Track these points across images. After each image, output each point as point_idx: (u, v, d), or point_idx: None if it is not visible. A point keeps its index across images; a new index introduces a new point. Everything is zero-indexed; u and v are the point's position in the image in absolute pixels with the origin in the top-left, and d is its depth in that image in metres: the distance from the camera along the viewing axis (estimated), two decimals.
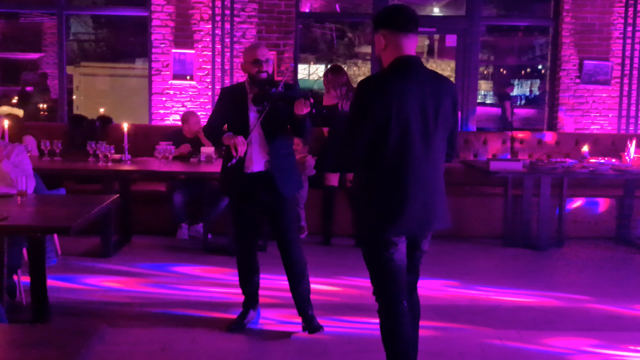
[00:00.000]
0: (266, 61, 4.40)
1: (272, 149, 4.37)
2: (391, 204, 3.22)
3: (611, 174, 6.92)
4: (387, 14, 3.39)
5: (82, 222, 3.89)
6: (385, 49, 3.33)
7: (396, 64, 3.28)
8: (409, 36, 3.31)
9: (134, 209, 7.26)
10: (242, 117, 4.38)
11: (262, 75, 4.37)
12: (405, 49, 3.29)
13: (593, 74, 8.71)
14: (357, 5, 11.14)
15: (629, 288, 5.83)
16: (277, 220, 4.46)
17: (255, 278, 4.60)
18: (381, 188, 3.24)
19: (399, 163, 3.19)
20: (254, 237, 4.60)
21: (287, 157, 4.49)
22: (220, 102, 4.61)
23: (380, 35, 3.34)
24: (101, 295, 5.28)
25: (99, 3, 11.43)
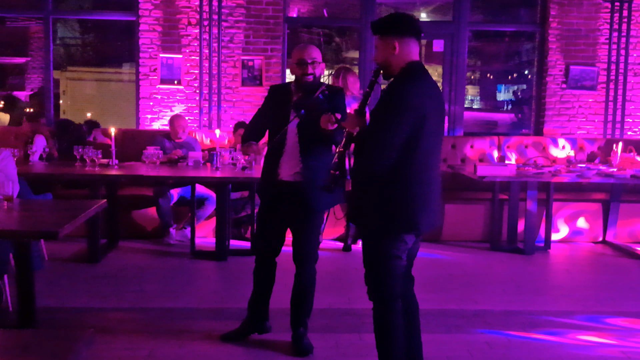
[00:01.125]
0: (312, 63, 4.13)
1: (305, 159, 4.14)
2: (420, 201, 3.36)
3: (597, 178, 6.95)
4: (400, 20, 3.52)
5: (68, 227, 3.87)
6: (396, 53, 3.44)
7: (414, 68, 3.44)
8: (418, 43, 3.51)
9: (121, 214, 7.24)
10: (283, 120, 4.16)
11: (307, 78, 4.14)
12: (415, 54, 3.47)
13: (579, 79, 8.77)
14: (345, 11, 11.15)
15: (615, 292, 5.86)
16: (298, 233, 4.26)
17: (265, 289, 4.44)
18: (412, 186, 3.35)
19: (426, 162, 3.36)
20: (276, 247, 4.37)
21: (324, 170, 4.00)
22: (266, 101, 4.38)
23: (390, 41, 3.43)
24: (88, 301, 5.25)
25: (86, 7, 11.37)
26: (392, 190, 3.35)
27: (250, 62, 8.56)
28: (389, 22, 3.52)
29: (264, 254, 4.39)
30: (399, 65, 3.46)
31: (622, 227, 7.64)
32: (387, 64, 3.49)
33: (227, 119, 8.60)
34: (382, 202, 3.37)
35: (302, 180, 4.16)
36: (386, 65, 3.49)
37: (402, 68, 3.45)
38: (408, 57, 3.46)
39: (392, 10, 11.14)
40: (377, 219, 3.39)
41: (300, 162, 4.16)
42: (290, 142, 4.14)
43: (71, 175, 6.61)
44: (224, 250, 6.56)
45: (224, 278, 5.93)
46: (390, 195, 3.35)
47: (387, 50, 3.45)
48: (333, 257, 6.76)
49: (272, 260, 4.42)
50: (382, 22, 3.53)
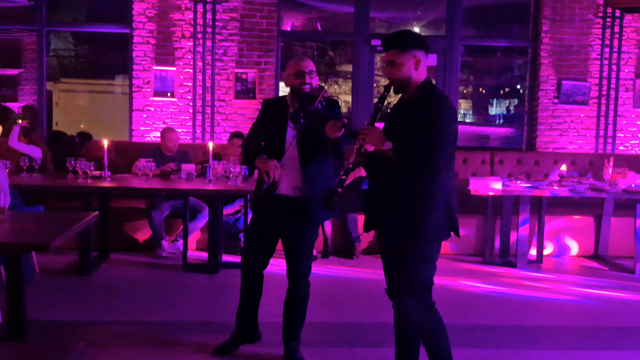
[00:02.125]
0: (309, 73, 4.13)
1: (306, 171, 4.11)
2: (454, 208, 3.54)
3: (589, 193, 6.98)
4: (419, 36, 3.59)
5: (60, 240, 3.85)
6: (417, 69, 3.50)
7: (432, 85, 3.56)
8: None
9: (113, 226, 7.22)
10: (279, 133, 4.14)
11: (304, 88, 4.12)
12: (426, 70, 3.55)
13: (571, 94, 8.81)
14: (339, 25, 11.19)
15: (607, 306, 5.86)
16: (294, 247, 4.23)
17: (254, 303, 4.43)
18: (451, 192, 3.53)
19: (454, 172, 3.56)
20: (265, 260, 4.34)
21: (324, 181, 4.11)
22: (260, 116, 4.36)
23: (413, 55, 3.49)
24: (79, 314, 5.22)
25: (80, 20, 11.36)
26: (437, 197, 3.45)
27: (244, 75, 8.57)
28: (410, 36, 3.56)
29: (253, 268, 4.36)
30: (418, 80, 3.51)
31: (614, 241, 7.65)
32: (406, 79, 3.51)
33: (220, 131, 8.61)
34: (426, 209, 3.45)
35: (302, 194, 4.11)
36: (406, 81, 3.51)
37: (421, 84, 3.51)
38: (424, 72, 3.53)
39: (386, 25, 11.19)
40: (421, 225, 3.46)
41: (301, 174, 4.13)
42: (288, 154, 4.10)
43: (63, 187, 6.59)
44: (216, 263, 6.54)
45: (215, 291, 5.91)
46: (436, 202, 3.45)
47: (409, 65, 3.48)
48: (323, 270, 6.74)
49: (261, 274, 4.39)
50: (401, 36, 3.56)
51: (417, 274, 3.53)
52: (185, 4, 8.46)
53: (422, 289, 3.56)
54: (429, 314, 3.59)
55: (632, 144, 8.96)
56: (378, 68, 9.24)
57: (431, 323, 3.60)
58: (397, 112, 3.67)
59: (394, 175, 3.49)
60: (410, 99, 3.56)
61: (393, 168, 3.46)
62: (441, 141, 3.41)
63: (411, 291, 3.55)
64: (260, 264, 4.35)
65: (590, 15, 8.79)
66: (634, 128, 8.96)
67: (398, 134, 3.47)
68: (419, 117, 3.43)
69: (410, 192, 3.46)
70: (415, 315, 3.57)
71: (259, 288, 4.42)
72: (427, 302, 3.59)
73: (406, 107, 3.58)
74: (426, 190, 3.45)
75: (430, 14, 10.71)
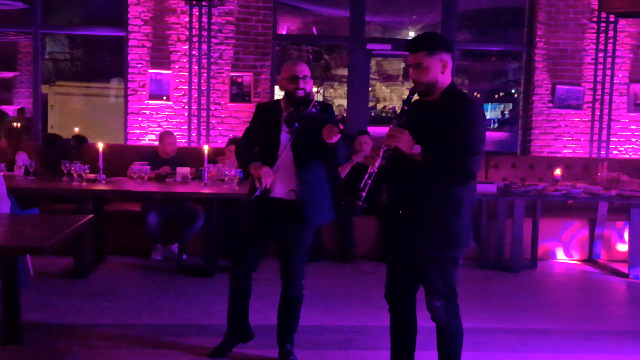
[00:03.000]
0: (304, 78, 4.13)
1: (300, 175, 4.13)
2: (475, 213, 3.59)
3: (583, 196, 7.00)
4: (446, 38, 3.59)
5: (55, 243, 3.85)
6: (443, 72, 3.49)
7: (459, 89, 3.56)
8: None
9: (109, 229, 7.21)
10: (274, 137, 4.16)
11: (299, 92, 4.12)
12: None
13: (565, 99, 8.85)
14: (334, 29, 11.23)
15: (601, 310, 5.89)
16: (288, 251, 4.25)
17: (246, 305, 4.44)
18: (473, 199, 3.58)
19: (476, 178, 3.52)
20: (255, 263, 4.37)
21: (319, 184, 4.22)
22: (254, 120, 4.35)
23: (440, 58, 3.48)
24: (74, 317, 5.22)
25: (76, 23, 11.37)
26: (466, 203, 3.49)
27: (240, 78, 8.58)
28: (437, 38, 3.54)
29: (244, 271, 4.37)
30: (444, 83, 3.50)
31: (608, 245, 7.68)
32: (433, 82, 3.49)
33: (216, 135, 8.61)
34: (457, 215, 3.47)
35: (297, 197, 4.14)
36: (433, 84, 3.49)
37: (447, 87, 3.50)
38: (450, 76, 3.51)
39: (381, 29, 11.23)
40: (455, 231, 3.48)
41: (296, 177, 4.14)
42: (283, 158, 4.12)
43: (58, 190, 6.59)
44: (212, 267, 6.54)
45: (210, 294, 5.91)
46: (465, 208, 3.48)
47: (436, 68, 3.47)
48: (319, 272, 6.75)
49: (251, 277, 4.41)
50: (429, 38, 3.54)
51: (448, 278, 3.56)
52: (181, 7, 8.47)
53: (452, 292, 3.60)
54: (454, 317, 3.63)
55: (626, 148, 8.99)
56: (373, 72, 9.27)
57: (457, 325, 3.64)
58: (420, 114, 3.59)
59: (423, 180, 3.46)
60: (435, 103, 3.52)
61: (424, 173, 3.44)
62: (477, 147, 3.40)
63: (442, 295, 3.58)
64: (250, 267, 4.37)
65: (585, 20, 8.84)
66: (628, 132, 9.00)
67: (425, 137, 3.42)
68: (451, 122, 3.39)
69: (440, 198, 3.46)
70: (443, 317, 3.60)
71: (249, 290, 4.44)
72: (455, 304, 3.63)
73: (431, 110, 3.53)
74: (457, 196, 3.46)
75: (426, 18, 10.76)
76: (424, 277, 3.58)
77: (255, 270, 4.39)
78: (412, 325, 3.79)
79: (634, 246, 7.02)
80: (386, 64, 14.45)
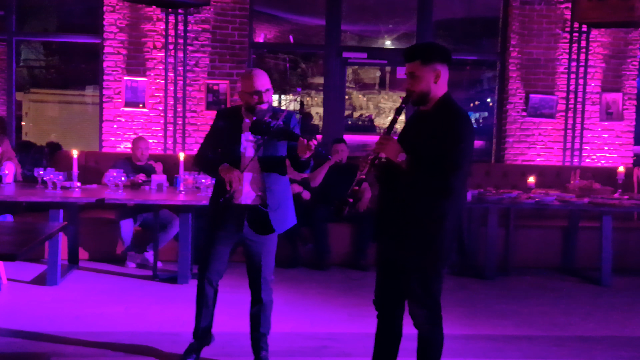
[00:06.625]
0: (266, 91, 4.14)
1: (266, 183, 4.17)
2: (462, 226, 3.51)
3: (556, 204, 7.08)
4: (445, 49, 3.57)
5: (28, 249, 3.83)
6: (436, 82, 3.48)
7: (451, 100, 3.53)
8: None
9: (83, 236, 7.17)
10: (235, 144, 4.19)
11: (262, 106, 4.13)
12: (446, 84, 3.54)
13: (539, 107, 8.94)
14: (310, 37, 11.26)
15: (573, 317, 5.95)
16: (256, 256, 4.27)
17: (211, 311, 4.43)
18: (459, 212, 3.57)
19: (466, 190, 3.42)
20: (221, 270, 4.37)
21: (283, 191, 4.27)
22: (214, 126, 4.37)
23: (434, 68, 3.48)
24: (47, 324, 5.17)
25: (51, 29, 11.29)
26: (449, 216, 3.48)
27: (216, 86, 8.58)
28: (433, 48, 3.55)
29: (210, 279, 4.35)
30: (437, 94, 3.50)
31: (581, 252, 7.75)
32: (425, 92, 3.50)
33: (192, 142, 8.60)
34: (439, 228, 3.47)
35: (263, 204, 4.18)
36: (425, 94, 3.50)
37: (441, 98, 3.50)
38: (444, 86, 3.51)
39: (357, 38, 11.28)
40: (437, 244, 3.49)
41: (261, 184, 4.18)
42: (248, 167, 4.13)
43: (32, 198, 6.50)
44: (186, 275, 6.52)
45: (185, 301, 5.88)
46: (448, 221, 3.48)
47: (429, 78, 3.47)
48: (294, 279, 6.76)
49: (217, 283, 4.41)
50: (425, 48, 3.56)
51: (430, 287, 3.58)
52: (157, 14, 8.46)
53: (434, 301, 3.62)
54: (436, 326, 3.66)
55: (598, 156, 9.10)
56: (349, 80, 9.31)
57: (438, 334, 3.67)
58: (414, 124, 3.66)
59: (406, 190, 3.49)
60: (428, 113, 3.54)
61: (406, 182, 3.47)
62: (459, 161, 3.38)
63: (424, 304, 3.60)
64: (218, 274, 4.37)
65: (558, 30, 8.94)
66: (600, 141, 9.11)
67: (413, 147, 3.46)
68: (436, 133, 3.41)
69: (423, 209, 3.47)
70: (424, 325, 3.63)
71: (215, 300, 4.43)
72: (437, 313, 3.65)
73: (423, 120, 3.56)
74: (439, 209, 3.46)
75: (401, 27, 10.83)
76: (407, 286, 3.61)
77: (221, 277, 4.40)
78: (397, 333, 3.81)
79: (605, 253, 7.10)
80: (362, 73, 14.51)
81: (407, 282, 3.59)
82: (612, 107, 9.04)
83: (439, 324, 3.65)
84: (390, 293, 3.74)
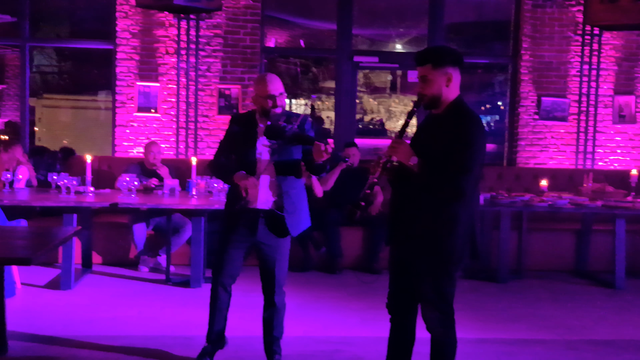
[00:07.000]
0: (280, 95, 4.17)
1: (282, 187, 4.19)
2: (476, 229, 3.61)
3: (569, 207, 7.06)
4: (457, 52, 3.59)
5: (42, 254, 3.86)
6: (448, 86, 3.49)
7: (465, 103, 3.54)
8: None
9: (96, 240, 7.21)
10: (250, 149, 4.21)
11: (276, 110, 4.16)
12: (459, 87, 3.55)
13: (551, 111, 8.92)
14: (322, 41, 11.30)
15: (586, 320, 5.92)
16: (270, 260, 4.30)
17: (224, 314, 4.44)
18: (472, 215, 3.56)
19: (479, 193, 3.54)
20: (235, 274, 4.38)
21: (298, 195, 4.29)
22: (229, 132, 4.40)
23: (444, 71, 3.49)
24: (61, 328, 5.20)
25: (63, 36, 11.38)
26: (461, 219, 3.49)
27: (227, 91, 8.61)
28: (444, 52, 3.57)
29: (225, 281, 4.37)
30: (449, 97, 3.52)
31: (594, 255, 7.72)
32: (436, 95, 3.51)
33: (204, 147, 8.63)
34: (451, 231, 3.48)
35: (279, 207, 4.20)
36: (436, 97, 3.51)
37: (452, 101, 3.51)
38: (456, 89, 3.52)
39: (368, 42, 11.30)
40: (449, 248, 3.50)
41: (276, 189, 4.20)
42: (264, 171, 4.16)
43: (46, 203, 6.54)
44: (199, 278, 6.54)
45: (198, 305, 5.90)
46: (460, 224, 3.48)
47: (440, 82, 3.49)
48: (306, 283, 6.76)
49: (230, 287, 4.41)
50: (436, 51, 3.58)
51: (443, 291, 3.59)
52: (169, 20, 8.50)
53: (447, 305, 3.63)
54: (449, 329, 3.66)
55: (611, 159, 9.07)
56: (360, 84, 9.32)
57: (451, 337, 3.67)
58: (426, 127, 3.68)
59: (418, 193, 3.50)
60: (440, 116, 3.56)
61: (418, 186, 3.48)
62: (470, 165, 3.40)
63: (436, 307, 3.60)
64: (232, 277, 4.38)
65: (570, 33, 8.93)
66: (613, 144, 9.08)
67: (425, 150, 3.47)
68: (448, 136, 3.42)
69: (435, 212, 3.48)
70: (437, 328, 3.63)
71: (229, 304, 4.44)
72: (450, 316, 3.65)
73: (435, 123, 3.58)
74: (451, 212, 3.47)
75: (413, 31, 10.84)
76: (420, 289, 3.61)
77: (234, 282, 4.41)
78: (410, 337, 3.81)
79: (618, 256, 7.07)
80: (373, 76, 14.52)
81: (420, 285, 3.60)
82: (624, 110, 9.01)
83: (452, 327, 3.65)
84: (403, 296, 3.74)
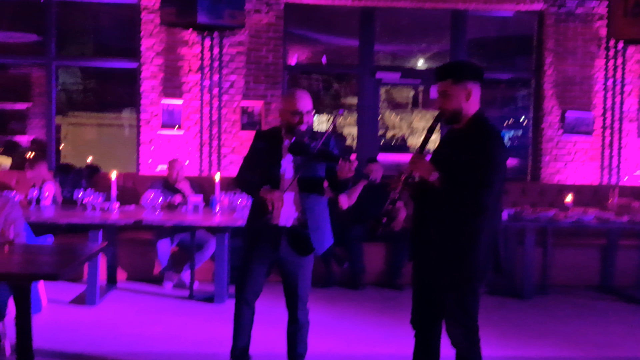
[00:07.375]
0: (307, 113, 4.16)
1: (306, 204, 4.20)
2: (499, 244, 3.65)
3: (595, 223, 6.99)
4: (477, 67, 3.61)
5: (69, 270, 3.90)
6: (468, 101, 3.51)
7: (486, 118, 3.56)
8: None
9: (121, 256, 7.26)
10: (275, 165, 4.22)
11: (302, 127, 4.16)
12: (479, 102, 3.56)
13: (575, 125, 8.86)
14: (344, 58, 11.33)
15: (613, 336, 5.86)
16: (293, 276, 4.29)
17: (248, 331, 4.42)
18: (494, 230, 3.57)
19: (501, 209, 3.58)
20: (258, 290, 4.37)
21: (322, 212, 4.30)
22: (253, 147, 4.41)
23: (465, 87, 3.50)
24: (87, 344, 5.24)
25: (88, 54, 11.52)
26: (483, 234, 3.49)
27: (250, 108, 8.66)
28: (464, 67, 3.58)
29: (247, 299, 4.36)
30: (469, 112, 3.53)
31: (620, 271, 7.63)
32: (457, 110, 3.52)
33: (227, 163, 8.68)
34: (473, 247, 3.49)
35: (302, 224, 4.20)
36: (457, 112, 3.52)
37: (473, 115, 3.52)
38: (476, 104, 3.53)
39: (390, 58, 11.31)
40: (472, 263, 3.51)
41: (301, 206, 4.20)
42: (287, 188, 4.16)
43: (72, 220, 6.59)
44: (222, 294, 6.56)
45: (222, 321, 5.92)
46: (482, 239, 3.49)
47: (461, 97, 3.50)
48: (329, 299, 6.75)
49: (254, 303, 4.40)
50: (456, 67, 3.61)
51: (467, 306, 3.58)
52: (192, 38, 8.58)
53: (472, 320, 3.62)
54: (474, 345, 3.64)
55: (636, 174, 8.98)
56: (383, 100, 9.32)
57: (475, 354, 3.65)
58: (448, 141, 3.69)
59: (440, 209, 3.50)
60: (461, 131, 3.57)
61: (439, 201, 3.48)
62: (491, 180, 3.40)
63: (460, 323, 3.60)
64: (255, 294, 4.37)
65: (593, 47, 8.88)
66: (639, 159, 8.99)
67: (446, 164, 3.48)
68: (469, 151, 3.43)
69: (457, 227, 3.48)
70: (462, 344, 3.62)
71: (252, 320, 4.42)
72: (475, 332, 3.64)
73: (456, 138, 3.59)
74: (473, 227, 3.47)
75: (435, 46, 10.84)
76: (443, 304, 3.60)
77: (257, 298, 4.39)
78: (435, 353, 3.80)
79: None
80: (395, 92, 14.53)
81: (444, 300, 3.58)
82: None
83: (476, 343, 3.62)
84: (427, 312, 3.73)
